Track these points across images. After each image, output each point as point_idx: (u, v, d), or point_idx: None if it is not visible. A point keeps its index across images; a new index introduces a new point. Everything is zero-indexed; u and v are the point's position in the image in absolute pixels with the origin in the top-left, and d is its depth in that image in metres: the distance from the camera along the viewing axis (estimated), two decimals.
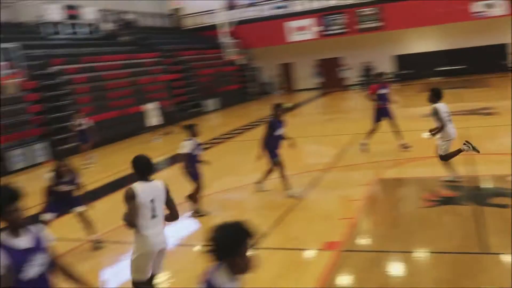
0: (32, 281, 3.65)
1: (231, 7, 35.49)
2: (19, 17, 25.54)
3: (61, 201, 8.19)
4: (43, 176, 8.40)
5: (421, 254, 6.83)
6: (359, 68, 33.82)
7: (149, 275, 5.40)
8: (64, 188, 8.21)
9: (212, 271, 3.22)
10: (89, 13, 27.93)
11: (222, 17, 31.90)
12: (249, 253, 3.14)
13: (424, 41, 33.71)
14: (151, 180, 5.26)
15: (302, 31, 33.88)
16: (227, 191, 11.30)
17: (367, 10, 32.29)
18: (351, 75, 34.46)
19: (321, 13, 33.51)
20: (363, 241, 7.62)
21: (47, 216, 8.15)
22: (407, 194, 9.62)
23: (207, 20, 37.22)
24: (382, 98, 13.21)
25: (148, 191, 5.17)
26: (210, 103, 30.24)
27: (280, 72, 37.63)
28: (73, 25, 27.08)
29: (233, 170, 13.87)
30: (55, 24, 25.90)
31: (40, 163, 17.55)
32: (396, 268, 6.45)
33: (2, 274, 3.52)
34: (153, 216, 5.19)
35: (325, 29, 33.47)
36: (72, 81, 21.73)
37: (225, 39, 30.47)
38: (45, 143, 18.42)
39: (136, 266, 5.32)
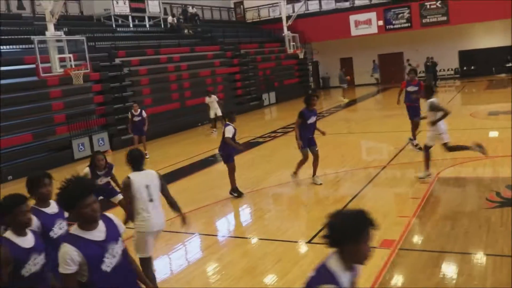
0: (114, 270, 3.54)
1: (293, 0, 35.36)
2: (87, 10, 26.37)
3: (98, 192, 8.32)
4: (84, 170, 8.72)
5: (479, 256, 6.59)
6: (421, 63, 32.99)
7: (151, 252, 5.99)
8: (103, 180, 8.61)
9: (327, 258, 3.05)
10: (153, 7, 28.48)
11: (283, 11, 31.76)
12: (368, 243, 2.97)
13: (491, 36, 32.49)
14: (144, 170, 6.00)
15: (364, 25, 33.34)
16: (283, 185, 11.26)
17: (432, 4, 31.40)
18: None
19: (384, 7, 32.87)
20: (420, 240, 7.43)
21: None
22: (466, 194, 9.29)
23: (268, 14, 37.31)
24: (408, 96, 12.98)
25: (142, 178, 5.88)
26: (268, 97, 30.30)
27: (341, 66, 37.25)
28: (138, 18, 27.70)
29: (289, 164, 13.82)
30: (121, 17, 26.57)
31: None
32: (452, 269, 6.24)
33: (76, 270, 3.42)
34: (150, 200, 5.85)
35: (388, 23, 32.81)
36: (135, 73, 22.25)
37: (285, 32, 30.36)
38: (106, 133, 19.05)
39: (137, 245, 5.92)
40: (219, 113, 20.14)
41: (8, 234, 3.93)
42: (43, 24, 17.09)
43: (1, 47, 18.11)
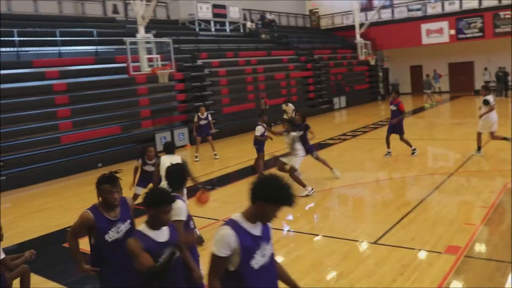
0: (261, 270, 3.33)
1: (366, 8, 34.77)
2: (174, 15, 27.04)
3: (147, 178, 9.20)
4: (137, 162, 9.43)
5: None
6: (492, 73, 31.57)
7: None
8: (150, 168, 9.20)
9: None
10: (234, 12, 28.81)
11: (357, 19, 31.28)
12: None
13: None
14: (173, 154, 7.93)
15: (436, 33, 32.27)
16: (350, 186, 11.11)
17: (507, 14, 29.93)
18: (487, 79, 32.05)
19: (457, 16, 31.65)
20: (487, 249, 7.10)
21: (138, 190, 9.31)
22: None
23: (341, 21, 36.87)
24: None
25: (169, 160, 7.26)
26: (339, 101, 30.00)
27: (411, 74, 36.29)
28: (220, 23, 28.12)
29: (358, 166, 13.63)
30: (204, 21, 27.06)
31: (181, 146, 18.55)
32: None
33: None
34: None
35: (459, 32, 31.59)
36: (215, 73, 22.58)
37: (358, 39, 29.90)
38: (186, 128, 19.47)
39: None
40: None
41: (143, 228, 3.92)
42: (134, 27, 17.67)
43: (98, 47, 18.93)
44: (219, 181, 12.83)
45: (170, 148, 8.13)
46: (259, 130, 12.23)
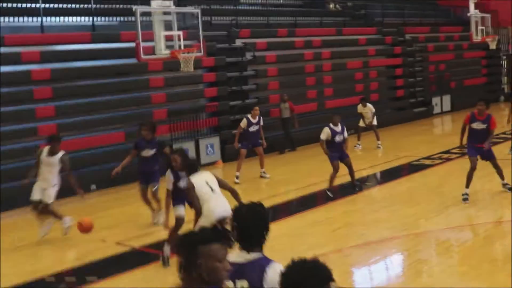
0: None
1: None
2: None
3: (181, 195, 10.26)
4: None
5: None
6: None
7: None
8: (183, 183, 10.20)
9: None
10: None
11: None
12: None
13: None
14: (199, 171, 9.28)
15: None
16: (455, 230, 10.98)
17: None
18: None
19: None
20: None
21: (178, 210, 10.46)
22: None
23: None
24: None
25: (201, 179, 8.98)
26: (441, 102, 29.66)
27: None
28: None
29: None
30: None
31: (208, 164, 18.67)
32: None
33: None
34: (212, 190, 8.90)
35: None
36: (261, 60, 22.56)
37: (471, 12, 29.46)
38: (217, 137, 19.76)
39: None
40: (375, 122, 20.12)
41: None
42: None
43: (96, 20, 19.30)
44: None
45: (194, 167, 9.36)
46: (324, 132, 14.14)
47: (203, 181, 8.91)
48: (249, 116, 16.48)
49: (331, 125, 14.40)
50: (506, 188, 13.17)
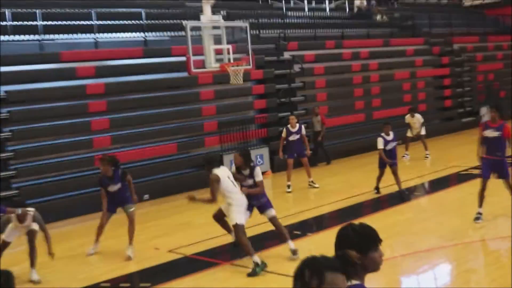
0: None
1: None
2: None
3: None
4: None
5: None
6: None
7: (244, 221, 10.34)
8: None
9: None
10: None
11: None
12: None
13: None
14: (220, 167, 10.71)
15: None
16: (505, 239, 10.85)
17: None
18: None
19: None
20: None
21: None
22: None
23: None
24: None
25: (224, 173, 10.42)
26: (488, 112, 29.27)
27: None
28: None
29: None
30: None
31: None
32: None
33: None
34: (234, 185, 10.40)
35: None
36: (309, 72, 22.63)
37: None
38: (266, 148, 19.90)
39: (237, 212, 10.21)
40: (423, 132, 19.99)
41: None
42: (197, 7, 18.15)
43: (147, 35, 19.71)
44: (313, 223, 12.97)
45: (218, 163, 10.98)
46: (378, 142, 14.93)
47: (226, 176, 10.33)
48: (288, 126, 16.64)
49: (383, 134, 14.99)
50: None
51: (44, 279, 10.41)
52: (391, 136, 15.16)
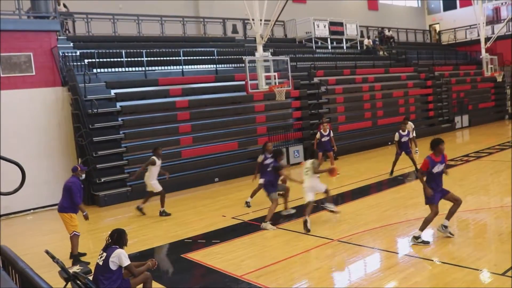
0: None
1: (492, 21, 32.78)
2: (291, 34, 27.39)
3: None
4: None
5: None
6: None
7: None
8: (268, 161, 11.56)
9: None
10: (351, 29, 28.58)
11: (482, 33, 29.51)
12: None
13: None
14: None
15: None
16: (474, 211, 10.41)
17: None
18: None
19: None
20: None
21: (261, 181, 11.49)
22: None
23: (465, 36, 35.13)
24: None
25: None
26: (461, 120, 28.48)
27: None
28: (336, 40, 28.00)
29: (483, 189, 12.80)
30: (321, 39, 27.10)
31: (295, 164, 18.62)
32: None
33: None
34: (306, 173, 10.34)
35: None
36: (332, 91, 22.38)
37: (483, 55, 28.19)
38: (301, 145, 19.60)
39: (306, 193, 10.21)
40: (414, 134, 19.45)
41: None
42: (253, 46, 18.09)
43: (218, 66, 19.67)
44: (334, 200, 12.71)
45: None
46: (396, 136, 15.39)
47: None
48: (321, 130, 16.44)
49: (400, 131, 15.54)
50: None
51: (144, 237, 10.45)
52: (406, 132, 15.44)
